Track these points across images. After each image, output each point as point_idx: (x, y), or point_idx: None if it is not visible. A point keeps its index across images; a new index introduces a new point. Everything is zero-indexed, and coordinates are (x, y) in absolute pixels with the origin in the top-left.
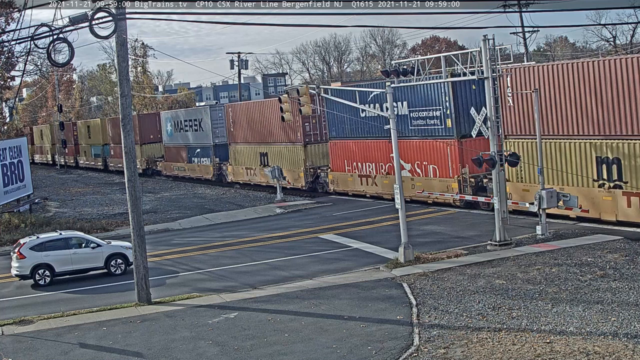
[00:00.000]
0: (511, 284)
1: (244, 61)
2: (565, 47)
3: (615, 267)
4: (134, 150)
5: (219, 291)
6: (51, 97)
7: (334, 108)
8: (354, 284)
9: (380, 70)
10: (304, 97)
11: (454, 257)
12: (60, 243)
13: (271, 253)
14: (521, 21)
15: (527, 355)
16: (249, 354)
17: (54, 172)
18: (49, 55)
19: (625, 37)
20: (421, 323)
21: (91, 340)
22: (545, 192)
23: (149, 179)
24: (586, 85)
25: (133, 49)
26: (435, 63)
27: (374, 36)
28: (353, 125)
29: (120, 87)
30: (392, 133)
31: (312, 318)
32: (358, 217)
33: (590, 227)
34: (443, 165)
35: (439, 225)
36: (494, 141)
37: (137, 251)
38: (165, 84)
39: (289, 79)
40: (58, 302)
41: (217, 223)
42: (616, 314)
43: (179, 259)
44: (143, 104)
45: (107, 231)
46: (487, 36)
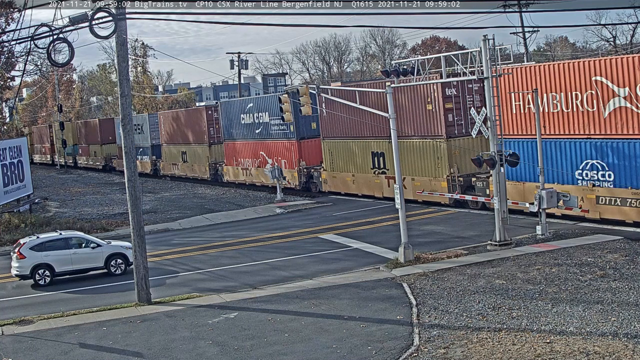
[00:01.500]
0: (511, 284)
1: (244, 61)
2: (565, 47)
3: (615, 267)
4: (134, 150)
5: (219, 291)
6: (51, 97)
7: (226, 116)
8: (354, 284)
9: (380, 70)
10: (303, 98)
11: (454, 257)
12: (60, 243)
13: (271, 253)
14: (521, 21)
15: (527, 355)
16: (249, 354)
17: (54, 172)
18: (49, 55)
19: (625, 37)
20: (421, 323)
21: (91, 340)
22: (545, 192)
23: (149, 179)
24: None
25: (133, 49)
26: (435, 63)
27: (374, 36)
28: (237, 129)
29: (120, 87)
30: (392, 133)
31: (312, 318)
32: (358, 217)
33: (590, 227)
34: (290, 159)
35: (438, 225)
36: (493, 141)
37: (137, 251)
38: (165, 84)
39: (289, 79)
40: (58, 302)
41: (217, 223)
42: (616, 314)
43: (179, 259)
44: (143, 104)
45: (107, 231)
46: (487, 36)
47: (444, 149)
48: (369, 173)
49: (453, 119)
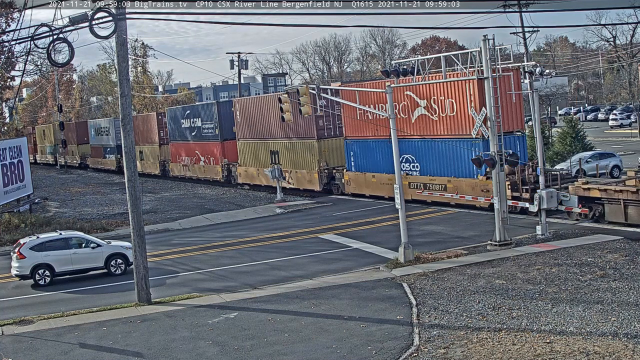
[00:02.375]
0: (511, 284)
1: (244, 61)
2: (565, 47)
3: (615, 267)
4: (134, 150)
5: (219, 291)
6: (51, 97)
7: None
8: (354, 284)
9: (380, 70)
10: (303, 98)
11: (454, 257)
12: (60, 243)
13: (271, 253)
14: (521, 21)
15: (527, 355)
16: (249, 354)
17: (54, 172)
18: (49, 55)
19: (625, 37)
20: (421, 323)
21: (91, 340)
22: (545, 192)
23: (149, 180)
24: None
25: (133, 49)
26: (435, 63)
27: (374, 36)
28: (180, 132)
29: (120, 87)
30: (392, 133)
31: (312, 318)
32: (358, 217)
33: (590, 227)
34: (216, 156)
35: (438, 225)
36: (494, 141)
37: (137, 251)
38: (165, 84)
39: (289, 79)
40: (58, 302)
41: (217, 223)
42: (616, 314)
43: (179, 259)
44: (143, 104)
45: (107, 231)
46: (487, 36)
47: (316, 148)
48: (269, 167)
49: (323, 124)
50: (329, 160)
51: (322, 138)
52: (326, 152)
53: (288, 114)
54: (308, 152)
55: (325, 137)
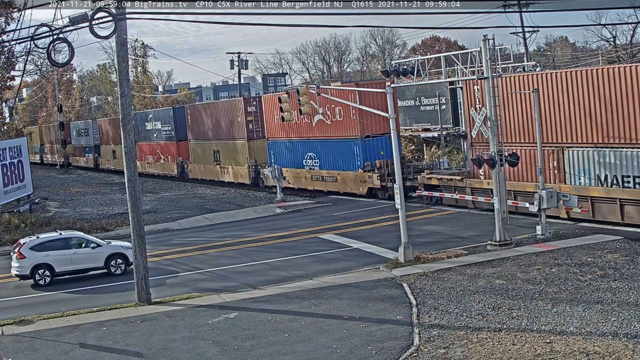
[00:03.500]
0: (511, 284)
1: (244, 61)
2: (565, 47)
3: (615, 267)
4: (134, 150)
5: (219, 291)
6: (51, 97)
7: (138, 124)
8: (354, 284)
9: (380, 70)
10: (303, 97)
11: (454, 257)
12: (60, 243)
13: (271, 253)
14: (521, 21)
15: (527, 355)
16: (249, 354)
17: (54, 172)
18: (49, 55)
19: (625, 37)
20: (421, 323)
21: (91, 340)
22: (545, 192)
23: (149, 180)
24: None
25: (133, 49)
26: (435, 63)
27: (374, 36)
28: (143, 134)
29: (120, 87)
30: (392, 133)
31: (312, 318)
32: (358, 217)
33: (590, 227)
34: (172, 155)
35: (438, 225)
36: (493, 141)
37: (137, 251)
38: (165, 84)
39: (289, 79)
40: (58, 302)
41: (217, 223)
42: (616, 314)
43: (179, 259)
44: (143, 104)
45: (107, 231)
46: (487, 36)
47: (246, 147)
48: (213, 164)
49: (253, 127)
50: (257, 158)
51: (252, 139)
52: (255, 151)
53: (288, 114)
54: (241, 151)
55: (254, 138)
